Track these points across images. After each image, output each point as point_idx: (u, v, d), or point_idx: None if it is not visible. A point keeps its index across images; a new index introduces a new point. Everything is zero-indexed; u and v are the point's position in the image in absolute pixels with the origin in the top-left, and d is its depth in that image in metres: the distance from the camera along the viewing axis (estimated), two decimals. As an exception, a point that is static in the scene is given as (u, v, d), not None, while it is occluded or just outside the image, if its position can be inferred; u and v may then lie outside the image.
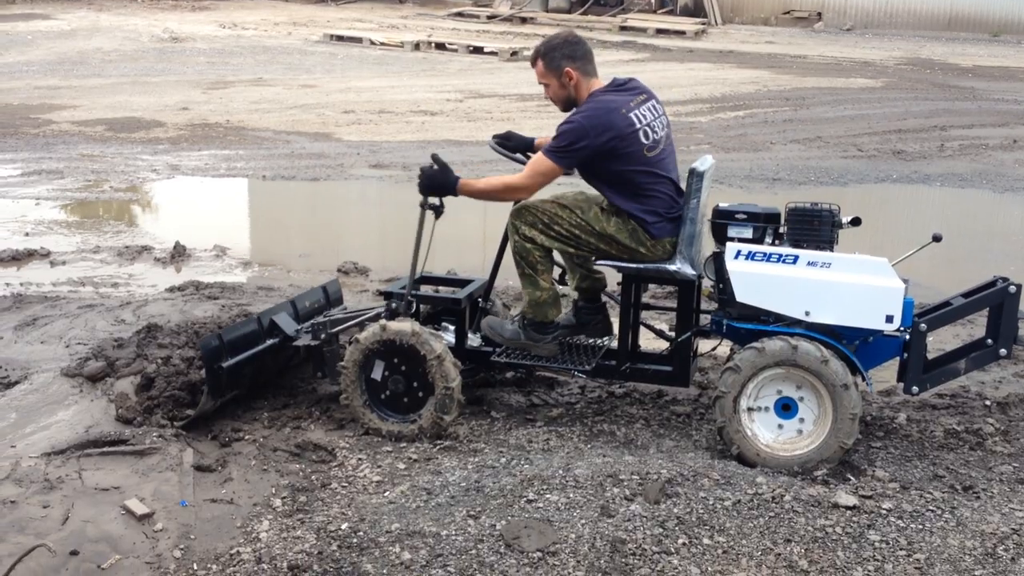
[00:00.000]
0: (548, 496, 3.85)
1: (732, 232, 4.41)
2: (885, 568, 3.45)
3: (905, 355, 4.41)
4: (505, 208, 4.69)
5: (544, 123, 13.27)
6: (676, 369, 4.61)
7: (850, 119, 13.89)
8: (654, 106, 4.53)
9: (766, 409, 4.30)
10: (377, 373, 4.46)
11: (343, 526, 3.67)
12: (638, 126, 4.40)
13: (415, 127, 12.78)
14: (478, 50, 20.67)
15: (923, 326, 4.35)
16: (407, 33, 22.49)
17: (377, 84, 16.18)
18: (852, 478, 4.15)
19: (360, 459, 4.24)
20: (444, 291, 5.20)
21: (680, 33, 24.24)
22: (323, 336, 4.71)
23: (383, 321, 4.47)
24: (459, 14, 26.50)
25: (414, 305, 4.68)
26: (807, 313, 4.26)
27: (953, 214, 9.85)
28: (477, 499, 3.84)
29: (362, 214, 9.46)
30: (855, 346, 4.31)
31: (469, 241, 4.71)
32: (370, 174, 10.36)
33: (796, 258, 4.26)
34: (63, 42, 19.81)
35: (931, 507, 3.83)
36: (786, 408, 4.29)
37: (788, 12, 26.95)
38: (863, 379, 4.26)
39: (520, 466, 4.13)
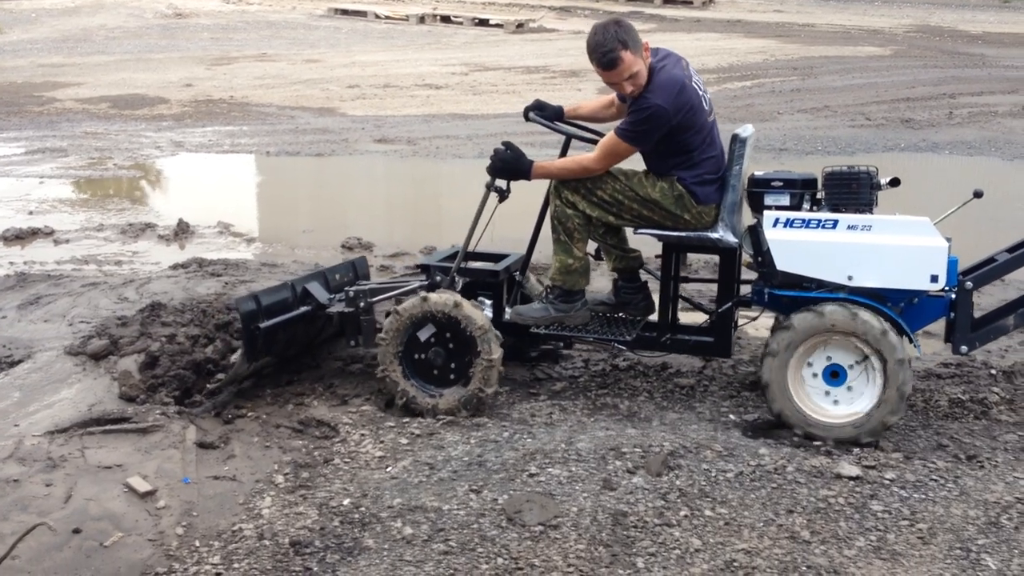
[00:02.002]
0: (550, 470, 3.85)
1: (769, 200, 4.35)
2: (887, 538, 3.44)
3: (952, 315, 4.32)
4: (541, 182, 4.65)
5: (551, 95, 13.22)
6: (717, 339, 4.58)
7: (858, 88, 13.79)
8: (695, 72, 4.52)
9: (815, 374, 4.23)
10: (418, 344, 4.46)
11: (345, 501, 3.68)
12: (701, 93, 4.41)
13: (420, 101, 12.74)
14: (483, 22, 20.58)
15: (969, 284, 4.26)
16: (412, 6, 22.38)
17: (382, 58, 16.12)
18: (855, 448, 4.14)
19: (363, 435, 4.24)
20: (479, 266, 5.16)
21: (687, 3, 24.07)
22: (361, 304, 4.69)
23: (424, 293, 4.47)
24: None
25: (459, 280, 4.66)
26: (850, 278, 4.19)
27: (966, 181, 9.78)
28: (479, 473, 3.84)
29: (367, 189, 9.45)
30: (900, 308, 4.22)
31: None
32: (375, 149, 10.33)
33: (836, 222, 4.20)
34: (67, 19, 19.78)
35: (934, 477, 3.82)
36: (834, 375, 4.22)
37: (796, -20, 26.70)
38: (911, 341, 4.17)
39: (523, 440, 4.13)
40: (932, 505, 3.62)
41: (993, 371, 4.97)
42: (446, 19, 21.00)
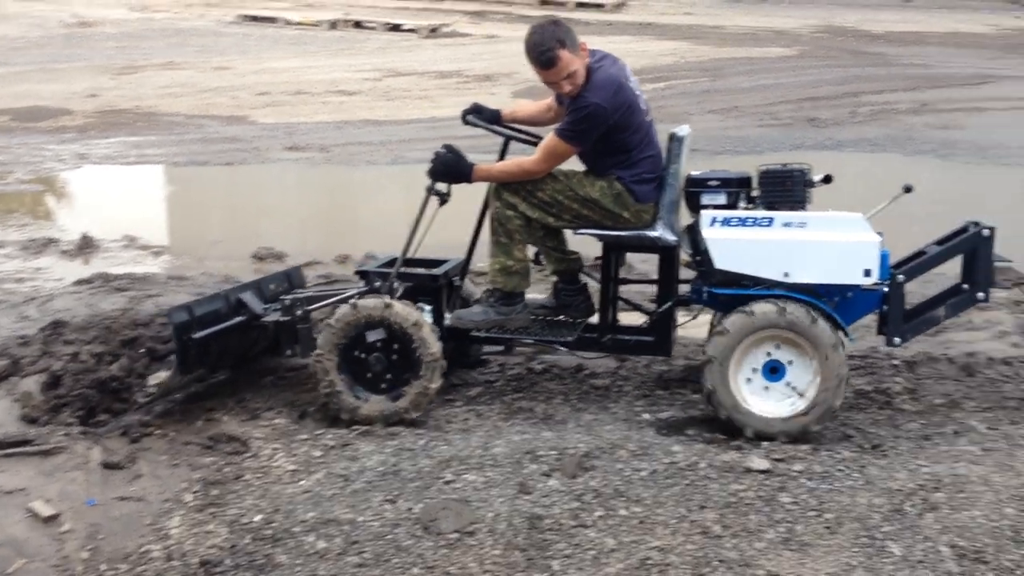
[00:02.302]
0: (466, 476, 3.85)
1: (706, 199, 4.40)
2: (796, 529, 3.51)
3: (885, 307, 4.41)
4: (479, 185, 4.64)
5: (465, 100, 13.21)
6: (658, 339, 4.61)
7: (766, 88, 14.04)
8: (632, 73, 4.55)
9: (755, 373, 4.27)
10: (356, 352, 4.41)
11: (257, 518, 3.62)
12: (637, 94, 4.45)
13: (332, 107, 12.63)
14: (396, 27, 20.48)
15: (900, 277, 4.35)
16: (323, 11, 22.18)
17: (293, 64, 15.95)
18: (765, 442, 4.20)
19: (275, 449, 4.19)
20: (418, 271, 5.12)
21: (599, 6, 24.24)
22: (298, 312, 4.61)
23: (355, 300, 4.43)
24: (376, -9, 26.19)
25: (399, 286, 4.61)
26: (786, 274, 4.25)
27: (870, 177, 10.02)
28: (394, 483, 3.82)
29: (278, 198, 9.32)
30: (835, 302, 4.29)
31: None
32: (286, 157, 10.21)
33: (771, 220, 4.26)
34: (-35, 31, 19.19)
35: (840, 467, 3.90)
36: (773, 371, 4.27)
37: (704, -18, 27.11)
38: (845, 335, 4.23)
39: (438, 447, 4.12)
40: (838, 495, 3.70)
41: (896, 362, 5.10)
42: (358, 24, 20.83)
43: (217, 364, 4.72)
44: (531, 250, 4.69)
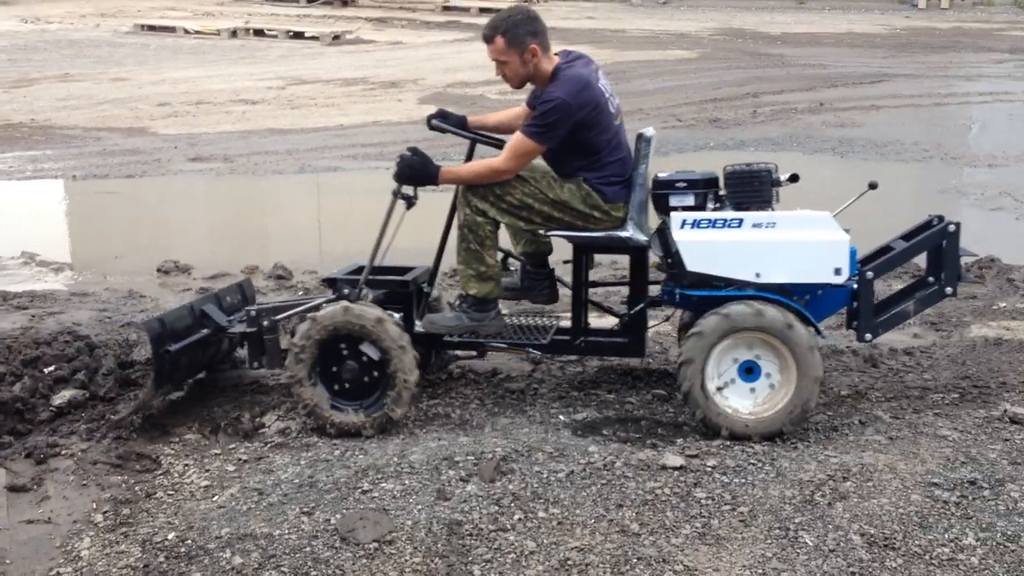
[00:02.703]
0: (383, 485, 3.82)
1: (674, 201, 4.39)
2: (711, 523, 3.57)
3: (854, 304, 4.44)
4: (444, 192, 4.60)
5: (371, 107, 13.14)
6: (631, 340, 4.61)
7: (669, 90, 14.26)
8: (604, 75, 4.55)
9: (731, 374, 4.28)
10: (332, 361, 4.35)
11: (170, 536, 3.54)
12: (607, 96, 4.45)
13: (235, 117, 12.44)
14: (299, 35, 20.29)
15: (869, 274, 4.38)
16: (223, 20, 21.85)
17: (193, 74, 15.67)
18: (679, 439, 4.27)
19: (187, 465, 4.10)
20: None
21: (502, 11, 24.37)
22: (265, 323, 4.55)
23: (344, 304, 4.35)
24: (277, -1, 25.92)
25: (367, 293, 4.56)
26: (757, 275, 4.27)
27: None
28: (311, 495, 3.77)
29: (182, 210, 9.13)
30: (805, 300, 4.33)
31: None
32: (189, 168, 10.02)
33: (741, 221, 4.27)
34: None
35: (753, 460, 3.97)
36: (749, 372, 4.29)
37: (606, -13, 27.45)
38: (817, 332, 4.26)
39: (354, 457, 4.08)
40: (752, 488, 3.77)
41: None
42: (259, 33, 20.57)
43: (185, 377, 4.69)
44: (494, 252, 4.63)
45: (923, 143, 11.05)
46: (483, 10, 24.25)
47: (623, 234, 4.46)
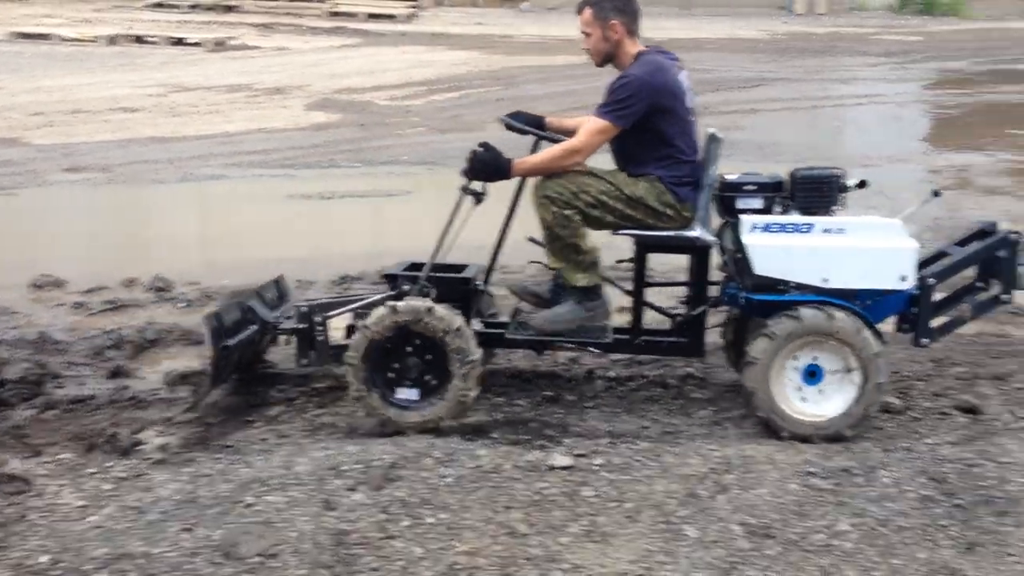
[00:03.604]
0: (267, 497, 3.75)
1: (741, 204, 4.38)
2: (598, 521, 3.60)
3: (914, 309, 4.42)
4: (503, 188, 4.52)
5: (257, 113, 12.93)
6: (691, 340, 4.58)
7: (558, 95, 14.40)
8: (687, 75, 4.55)
9: (796, 378, 4.28)
10: (391, 359, 4.32)
11: (42, 559, 3.41)
12: (685, 88, 4.45)
13: (114, 125, 12.11)
14: (180, 41, 19.87)
15: (931, 280, 4.38)
16: (102, 27, 21.27)
17: (70, 82, 15.20)
18: (567, 439, 4.30)
19: (61, 485, 3.95)
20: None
21: (391, 17, 24.28)
22: (316, 319, 4.48)
23: (393, 303, 4.30)
24: (159, 4, 25.34)
25: (431, 289, 4.48)
26: (825, 280, 4.26)
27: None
28: (191, 511, 3.68)
29: (57, 222, 8.81)
30: (867, 304, 4.32)
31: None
32: (65, 179, 9.71)
33: (811, 226, 4.27)
34: None
35: (638, 457, 4.03)
36: (812, 375, 4.28)
37: (494, -7, 27.60)
38: (881, 340, 4.25)
39: (237, 470, 4.00)
40: (637, 484, 3.82)
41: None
42: (139, 40, 20.05)
43: (232, 373, 4.68)
44: (590, 238, 4.54)
45: (801, 144, 11.39)
46: (371, 16, 24.13)
47: (691, 234, 4.46)
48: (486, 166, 4.42)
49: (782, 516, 3.60)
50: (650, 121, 4.37)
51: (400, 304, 4.32)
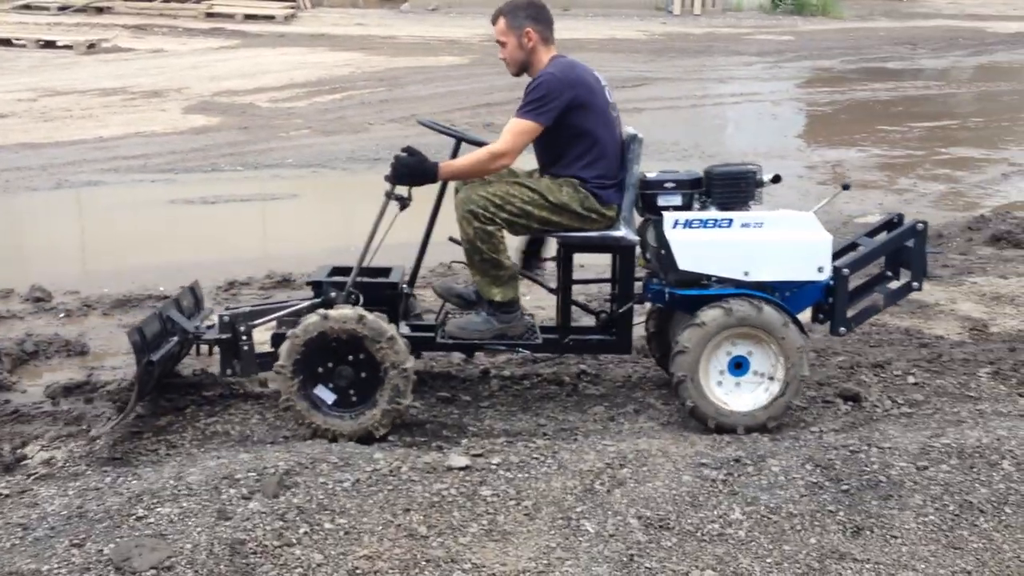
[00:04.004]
0: (159, 509, 3.66)
1: (662, 201, 4.43)
2: (497, 520, 3.62)
3: (829, 299, 4.55)
4: (426, 191, 4.48)
5: (133, 117, 12.58)
6: (619, 338, 4.60)
7: (442, 96, 14.40)
8: (603, 78, 4.61)
9: (722, 368, 4.35)
10: (320, 369, 4.23)
11: (-77, 583, 3.28)
12: (603, 85, 4.56)
13: (-18, 132, 11.64)
14: (50, 44, 19.18)
15: (846, 271, 4.50)
16: (-37, 29, 20.39)
17: (-69, 87, 14.56)
18: (464, 439, 4.32)
19: (-61, 505, 3.80)
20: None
21: (269, 18, 23.88)
22: (241, 328, 4.35)
23: (323, 311, 4.21)
24: (26, 6, 24.38)
25: (358, 296, 4.41)
26: (746, 273, 4.34)
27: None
28: (80, 526, 3.56)
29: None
30: (784, 296, 4.42)
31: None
32: (-68, 187, 9.30)
33: (731, 221, 4.33)
34: None
35: (535, 455, 4.06)
36: (738, 366, 4.35)
37: (374, -7, 27.40)
38: (801, 330, 4.35)
39: (127, 483, 3.88)
40: (535, 482, 3.86)
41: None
42: (6, 42, 19.30)
43: (154, 387, 4.57)
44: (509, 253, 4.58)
45: (683, 142, 11.64)
46: (248, 16, 23.70)
47: (616, 233, 4.51)
48: (412, 170, 4.40)
49: (677, 507, 3.68)
50: (570, 117, 4.44)
51: (331, 312, 4.28)
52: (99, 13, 24.12)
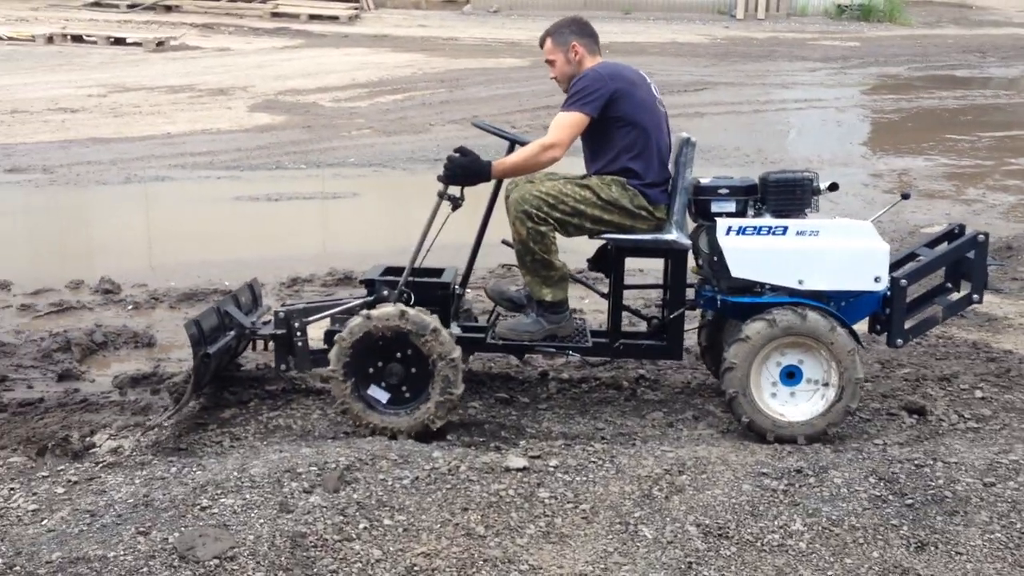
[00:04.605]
0: (223, 500, 3.72)
1: (716, 207, 4.42)
2: (555, 522, 3.63)
3: (886, 310, 4.48)
4: (481, 191, 4.53)
5: (199, 114, 12.79)
6: (670, 343, 4.59)
7: (502, 97, 14.43)
8: (648, 75, 4.68)
9: (774, 379, 4.32)
10: (370, 369, 4.33)
11: (-5, 564, 3.36)
12: (647, 80, 4.62)
13: (54, 126, 11.90)
14: (120, 41, 19.55)
15: (903, 281, 4.44)
16: (38, 26, 20.87)
17: (7, 82, 14.90)
18: (522, 441, 4.33)
19: (12, 489, 3.89)
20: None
21: (333, 18, 24.12)
22: (295, 325, 4.47)
23: (366, 311, 4.31)
24: (96, 4, 24.86)
25: (410, 295, 4.49)
26: (800, 282, 4.31)
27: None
28: (146, 514, 3.64)
29: (0, 224, 8.67)
30: (840, 306, 4.39)
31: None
32: (5, 179, 9.53)
33: (785, 229, 4.31)
34: None
35: (593, 458, 4.06)
36: (790, 376, 4.33)
37: (438, -5, 27.55)
38: (854, 336, 4.31)
39: (192, 473, 3.96)
40: (593, 485, 3.86)
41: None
42: (78, 39, 19.70)
43: (211, 381, 4.66)
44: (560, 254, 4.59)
45: (744, 148, 11.55)
46: (312, 17, 23.96)
47: (668, 237, 4.49)
48: (465, 170, 4.44)
49: (736, 516, 3.66)
50: (615, 108, 4.46)
51: (374, 312, 4.33)
52: (167, 11, 24.53)
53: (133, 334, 5.67)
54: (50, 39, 19.39)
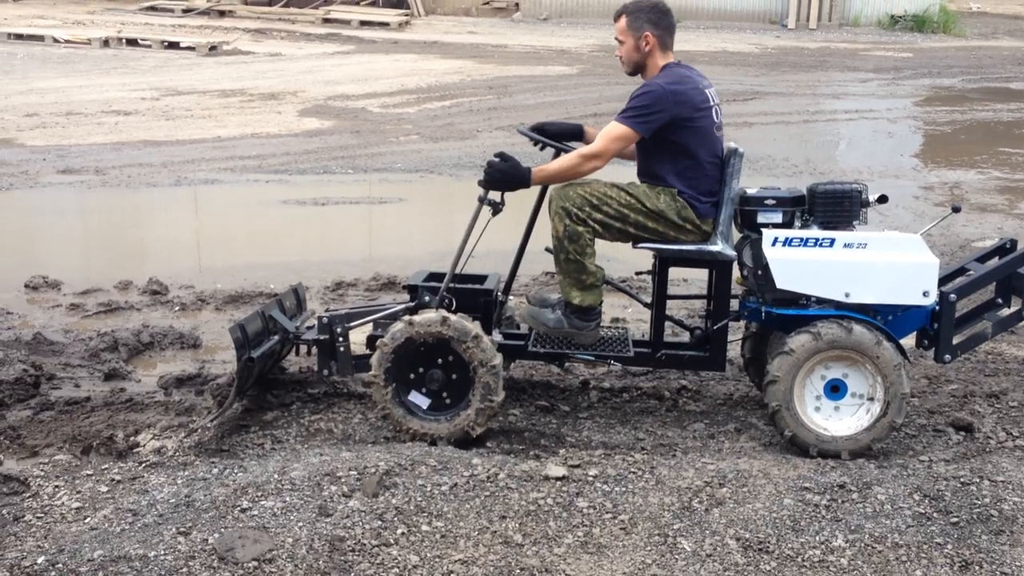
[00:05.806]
0: (263, 502, 3.75)
1: (762, 218, 4.40)
2: (593, 532, 3.61)
3: (935, 325, 4.44)
4: (524, 198, 4.54)
5: (250, 119, 12.92)
6: (713, 354, 4.58)
7: (550, 105, 14.41)
8: (715, 91, 4.57)
9: (817, 391, 4.29)
10: (411, 375, 4.36)
11: (39, 560, 3.41)
12: (711, 104, 4.45)
13: (108, 128, 12.08)
14: (174, 45, 19.82)
15: (953, 296, 4.39)
16: (95, 29, 21.21)
17: (63, 84, 15.16)
18: (562, 450, 4.31)
19: (57, 487, 3.96)
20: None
21: (384, 25, 24.28)
22: (338, 330, 4.52)
23: (408, 317, 4.35)
24: (152, 8, 25.27)
25: (451, 301, 4.51)
26: (847, 295, 4.28)
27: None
28: (187, 514, 3.68)
29: (52, 224, 8.81)
30: (887, 320, 4.36)
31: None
32: (59, 180, 9.69)
33: (833, 241, 4.29)
34: None
35: (633, 469, 4.04)
36: (835, 389, 4.30)
37: (488, 2, 27.63)
38: (900, 350, 4.26)
39: (233, 475, 3.99)
40: (632, 496, 3.83)
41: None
42: (133, 43, 20.01)
43: (253, 384, 4.73)
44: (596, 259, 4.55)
45: (793, 158, 11.43)
46: (364, 22, 24.14)
47: (713, 248, 4.45)
48: (505, 175, 4.42)
49: (777, 531, 3.62)
50: (673, 132, 4.39)
51: (415, 318, 4.35)
52: (221, 16, 24.84)
53: (179, 335, 5.74)
54: (105, 43, 19.70)
